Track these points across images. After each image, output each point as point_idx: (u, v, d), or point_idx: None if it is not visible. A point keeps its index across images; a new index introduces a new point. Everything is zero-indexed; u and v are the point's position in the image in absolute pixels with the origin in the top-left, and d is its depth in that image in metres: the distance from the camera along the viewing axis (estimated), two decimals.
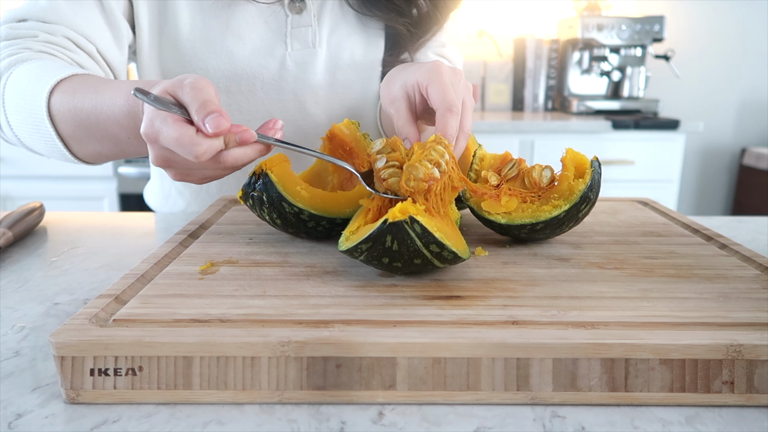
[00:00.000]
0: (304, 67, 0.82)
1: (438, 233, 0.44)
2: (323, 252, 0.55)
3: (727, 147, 2.83)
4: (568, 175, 0.54)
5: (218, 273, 0.49)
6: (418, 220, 0.43)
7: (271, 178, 0.53)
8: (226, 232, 0.62)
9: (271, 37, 0.80)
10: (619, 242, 0.58)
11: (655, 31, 2.33)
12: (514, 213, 0.53)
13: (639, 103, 2.40)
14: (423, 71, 0.55)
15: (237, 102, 0.84)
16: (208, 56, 0.79)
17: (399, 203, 0.44)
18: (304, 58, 0.81)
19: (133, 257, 0.65)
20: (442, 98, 0.52)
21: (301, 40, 0.80)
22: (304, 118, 0.85)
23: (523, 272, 0.49)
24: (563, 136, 2.18)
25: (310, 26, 0.80)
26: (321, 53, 0.82)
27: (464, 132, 0.54)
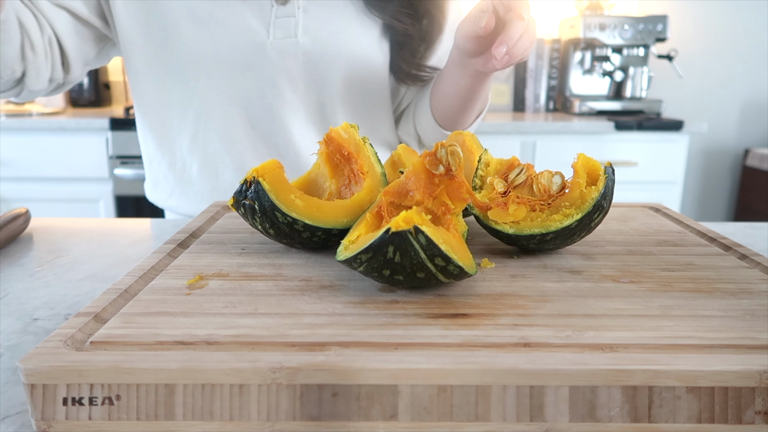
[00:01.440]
0: (285, 55, 0.82)
1: (444, 246, 0.41)
2: (320, 264, 0.52)
3: (731, 148, 2.80)
4: (580, 182, 0.51)
5: (207, 287, 0.46)
6: (424, 231, 0.40)
7: (263, 186, 0.50)
8: (217, 241, 0.59)
9: (253, 24, 0.80)
10: (632, 252, 0.55)
11: (658, 30, 2.30)
12: (523, 222, 0.50)
13: (642, 103, 2.37)
14: None
15: (217, 87, 0.84)
16: (194, 38, 0.80)
17: (403, 212, 0.41)
18: (285, 47, 0.81)
19: (120, 267, 0.62)
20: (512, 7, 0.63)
21: (284, 29, 0.81)
22: (281, 104, 0.85)
23: (533, 287, 0.46)
24: (565, 137, 2.15)
25: (293, 17, 0.81)
26: (304, 44, 0.82)
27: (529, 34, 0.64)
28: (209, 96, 0.85)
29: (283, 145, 0.88)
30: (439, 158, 0.48)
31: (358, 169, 0.56)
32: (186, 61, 0.82)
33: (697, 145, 2.76)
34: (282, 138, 0.88)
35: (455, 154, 0.47)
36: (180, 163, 0.92)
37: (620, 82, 2.42)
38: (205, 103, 0.85)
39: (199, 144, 0.89)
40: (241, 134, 0.87)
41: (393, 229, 0.40)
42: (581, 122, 2.14)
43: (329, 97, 0.86)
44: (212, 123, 0.86)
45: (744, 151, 2.75)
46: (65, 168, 2.21)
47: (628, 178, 2.19)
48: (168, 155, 0.93)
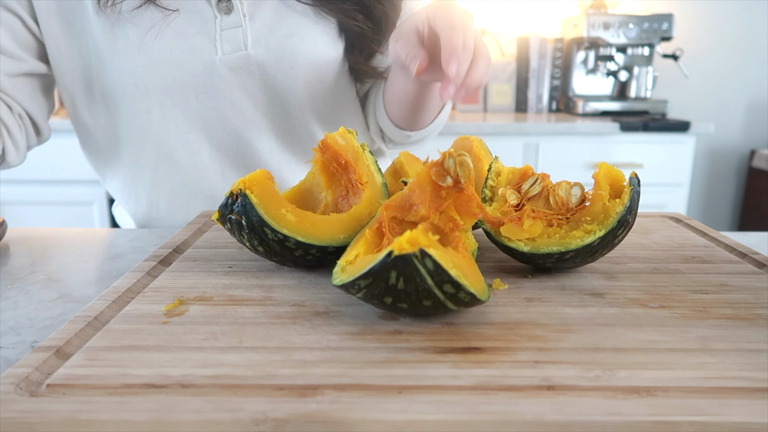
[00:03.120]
0: (238, 71, 0.74)
1: (454, 270, 0.36)
2: (314, 285, 0.47)
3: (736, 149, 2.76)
4: (603, 195, 0.46)
5: (187, 314, 0.41)
6: (431, 254, 0.35)
7: (251, 200, 0.45)
8: (202, 257, 0.54)
9: (199, 41, 0.72)
10: (658, 271, 0.50)
11: (663, 29, 2.25)
12: (539, 239, 0.45)
13: (646, 104, 2.32)
14: (430, 8, 0.56)
15: (173, 115, 0.77)
16: (135, 66, 0.72)
17: (407, 231, 0.36)
18: (237, 62, 0.73)
19: (97, 285, 0.57)
20: (445, 19, 0.54)
21: (233, 43, 0.73)
22: (245, 124, 0.78)
23: (552, 313, 0.41)
24: (569, 139, 2.10)
25: (240, 27, 0.73)
26: (257, 56, 0.74)
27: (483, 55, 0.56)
28: (165, 126, 0.77)
29: (253, 166, 0.81)
30: (446, 169, 0.43)
31: (356, 179, 0.51)
32: (132, 93, 0.74)
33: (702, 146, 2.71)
34: (251, 158, 0.81)
35: (465, 165, 0.42)
36: (145, 200, 0.84)
37: (624, 82, 2.37)
38: (162, 135, 0.78)
39: (162, 178, 0.81)
40: (207, 161, 0.79)
41: (396, 252, 0.35)
42: (585, 123, 2.10)
43: (295, 107, 0.79)
44: (173, 154, 0.79)
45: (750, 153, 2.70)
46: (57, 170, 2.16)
47: None
48: (132, 194, 0.84)
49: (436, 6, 0.56)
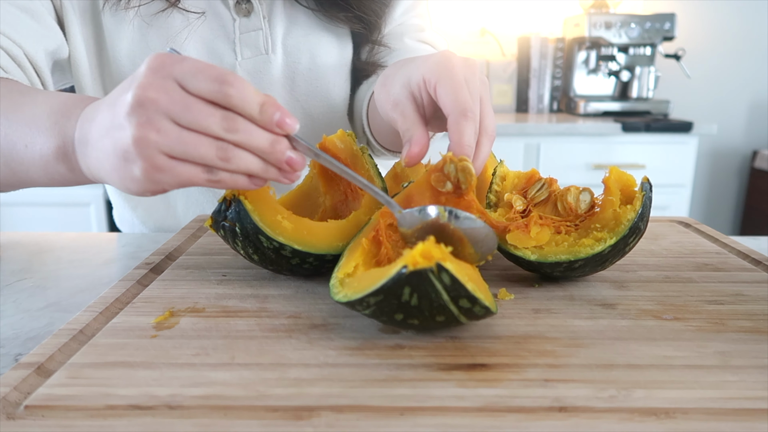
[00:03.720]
0: (258, 76, 0.71)
1: (471, 284, 0.34)
2: (311, 294, 0.45)
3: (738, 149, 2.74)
4: (613, 201, 0.44)
5: (177, 327, 0.39)
6: (448, 269, 0.32)
7: (245, 206, 0.43)
8: (195, 265, 0.52)
9: (218, 46, 0.70)
10: (670, 279, 0.48)
11: (665, 29, 2.23)
12: (547, 247, 0.43)
13: (648, 104, 2.30)
14: (429, 65, 0.45)
15: None
16: None
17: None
18: (257, 67, 0.71)
19: (87, 293, 0.55)
20: (455, 99, 0.42)
21: (252, 47, 0.70)
22: None
23: (561, 326, 0.39)
24: (571, 139, 2.08)
25: (260, 29, 0.70)
26: (276, 59, 0.71)
27: (488, 134, 0.45)
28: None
29: None
30: (446, 174, 0.41)
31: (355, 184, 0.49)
32: None
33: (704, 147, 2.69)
34: None
35: (466, 171, 0.40)
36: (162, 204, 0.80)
37: (626, 82, 2.35)
38: None
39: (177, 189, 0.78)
40: None
41: (410, 266, 0.33)
42: (587, 123, 2.08)
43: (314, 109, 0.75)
44: None
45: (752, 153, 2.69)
46: None
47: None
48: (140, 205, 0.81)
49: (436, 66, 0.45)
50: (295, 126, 0.37)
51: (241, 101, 0.35)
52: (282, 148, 0.38)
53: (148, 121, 0.35)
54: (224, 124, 0.35)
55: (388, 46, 0.75)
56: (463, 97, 0.42)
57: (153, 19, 0.67)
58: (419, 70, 0.46)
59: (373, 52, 0.76)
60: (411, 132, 0.45)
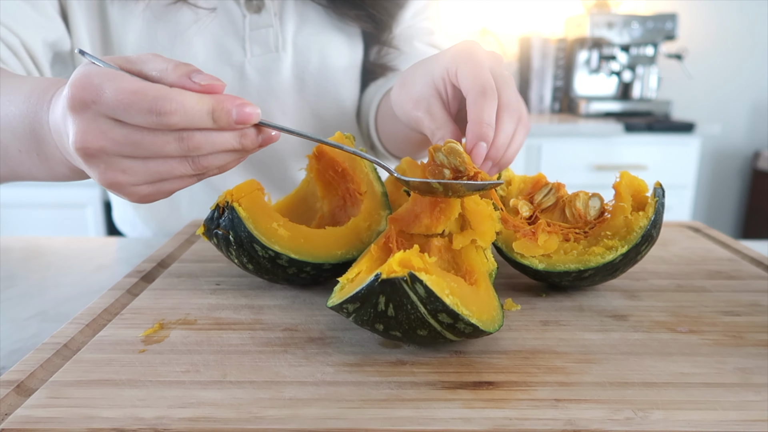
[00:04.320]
0: (267, 74, 0.69)
1: (450, 298, 0.32)
2: (308, 305, 0.43)
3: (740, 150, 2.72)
4: (624, 207, 0.42)
5: (167, 341, 0.37)
6: (422, 280, 0.31)
7: (239, 213, 0.41)
8: (188, 273, 0.50)
9: (227, 43, 0.67)
10: (683, 288, 0.46)
11: (667, 29, 2.21)
12: (555, 256, 0.41)
13: (650, 104, 2.28)
14: (450, 54, 0.43)
15: None
16: None
17: (398, 252, 0.32)
18: (266, 65, 0.69)
19: (76, 302, 0.53)
20: (473, 78, 0.40)
21: (262, 44, 0.68)
22: None
23: (571, 339, 0.37)
24: (572, 140, 2.07)
25: (271, 27, 0.67)
26: (286, 58, 0.69)
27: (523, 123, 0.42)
28: None
29: (279, 178, 0.77)
30: (440, 164, 0.39)
31: (354, 189, 0.47)
32: None
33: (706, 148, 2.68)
34: (277, 170, 0.76)
35: (454, 152, 0.38)
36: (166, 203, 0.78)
37: (628, 82, 2.34)
38: None
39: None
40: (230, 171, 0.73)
41: (384, 275, 0.31)
42: (589, 124, 2.06)
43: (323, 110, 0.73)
44: None
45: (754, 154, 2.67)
46: None
47: None
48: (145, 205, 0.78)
49: (457, 55, 0.42)
50: (255, 114, 0.34)
51: (187, 121, 0.31)
52: (251, 140, 0.35)
53: (108, 168, 0.33)
54: (183, 146, 0.32)
55: (397, 47, 0.73)
56: (484, 76, 0.40)
57: (162, 14, 0.65)
58: (441, 63, 0.43)
59: (381, 54, 0.74)
60: (442, 132, 0.42)
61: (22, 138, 0.40)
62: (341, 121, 0.75)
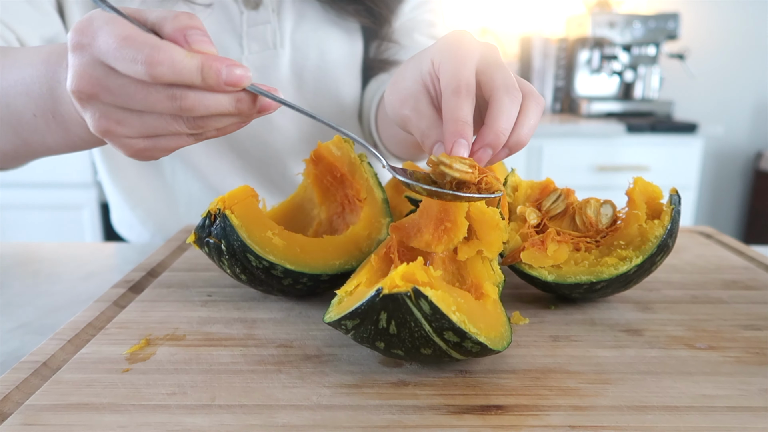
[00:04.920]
0: (265, 71, 0.67)
1: (457, 315, 0.29)
2: (304, 319, 0.41)
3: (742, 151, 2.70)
4: (639, 215, 0.39)
5: (153, 359, 0.35)
6: (427, 295, 0.28)
7: (232, 222, 0.38)
8: (179, 283, 0.47)
9: (224, 39, 0.65)
10: (698, 300, 0.44)
11: (669, 28, 2.19)
12: (566, 267, 0.39)
13: (652, 105, 2.26)
14: (437, 47, 0.39)
15: None
16: None
17: (401, 266, 0.30)
18: (264, 62, 0.66)
19: (62, 313, 0.51)
20: (451, 75, 0.37)
21: (260, 41, 0.66)
22: (270, 130, 0.70)
23: (584, 356, 0.35)
24: (574, 141, 2.04)
25: (269, 23, 0.65)
26: (284, 54, 0.67)
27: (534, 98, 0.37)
28: None
29: (278, 177, 0.74)
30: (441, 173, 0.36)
31: (353, 195, 0.45)
32: None
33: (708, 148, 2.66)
34: (276, 168, 0.73)
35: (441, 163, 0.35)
36: (163, 204, 0.76)
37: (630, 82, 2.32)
38: None
39: (179, 183, 0.74)
40: (227, 166, 0.72)
41: (385, 290, 0.29)
42: (590, 124, 2.04)
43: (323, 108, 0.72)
44: (191, 159, 0.72)
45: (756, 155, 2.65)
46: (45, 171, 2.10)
47: None
48: (145, 199, 0.76)
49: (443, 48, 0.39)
50: (246, 77, 0.32)
51: (175, 75, 0.30)
52: (247, 106, 0.33)
53: (103, 116, 0.32)
54: (176, 105, 0.31)
55: (397, 41, 0.71)
56: (462, 72, 0.36)
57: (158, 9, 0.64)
58: (428, 56, 0.40)
59: (381, 49, 0.71)
60: (434, 132, 0.38)
61: (38, 100, 0.39)
62: (341, 120, 0.72)
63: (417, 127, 0.39)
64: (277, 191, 0.75)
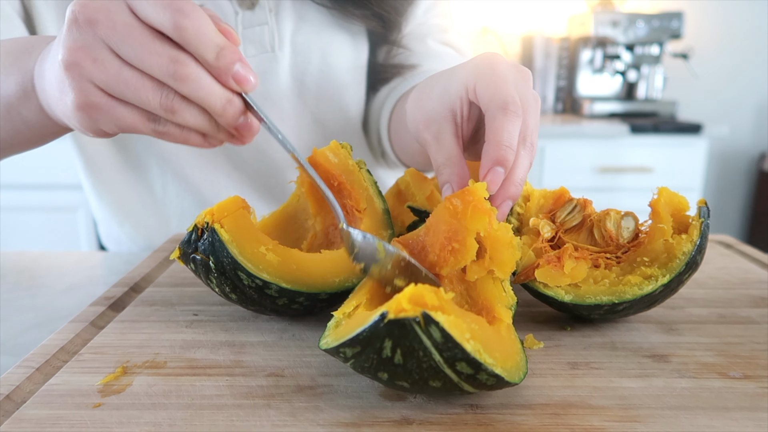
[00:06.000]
0: (263, 77, 0.63)
1: (471, 344, 0.26)
2: (298, 342, 0.37)
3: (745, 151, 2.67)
4: (664, 229, 0.36)
5: (129, 391, 0.31)
6: (438, 321, 0.25)
7: (221, 236, 0.35)
8: (163, 300, 0.44)
9: None
10: (726, 319, 0.40)
11: (673, 27, 2.16)
12: (584, 286, 0.36)
13: (655, 105, 2.23)
14: (470, 68, 0.37)
15: None
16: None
17: (410, 287, 0.27)
18: (261, 66, 0.62)
19: (39, 331, 0.47)
20: (494, 92, 0.34)
21: (257, 43, 0.61)
22: (268, 139, 0.65)
23: (607, 388, 0.32)
24: (577, 142, 2.01)
25: (266, 24, 0.61)
26: (283, 58, 0.62)
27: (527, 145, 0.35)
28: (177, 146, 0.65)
29: (277, 189, 0.70)
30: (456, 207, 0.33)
31: (352, 205, 0.41)
32: None
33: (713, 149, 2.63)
34: (275, 180, 0.69)
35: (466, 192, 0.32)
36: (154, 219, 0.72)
37: (633, 82, 2.28)
38: (172, 150, 0.66)
39: (171, 197, 0.69)
40: (224, 179, 0.68)
41: (391, 314, 0.25)
42: (593, 125, 2.00)
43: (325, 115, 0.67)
44: (183, 171, 0.68)
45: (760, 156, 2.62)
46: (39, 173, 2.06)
47: (643, 185, 2.05)
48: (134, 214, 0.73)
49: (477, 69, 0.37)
50: (254, 83, 0.31)
51: (196, 38, 0.29)
52: (235, 112, 0.31)
53: (84, 45, 0.29)
54: (171, 68, 0.29)
55: (407, 47, 0.67)
56: (506, 89, 0.34)
57: None
58: (459, 79, 0.37)
59: (391, 54, 0.67)
60: (449, 170, 0.36)
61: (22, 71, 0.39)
62: (345, 128, 0.68)
63: (434, 157, 0.38)
64: (275, 202, 0.71)
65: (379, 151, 0.70)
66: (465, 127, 0.38)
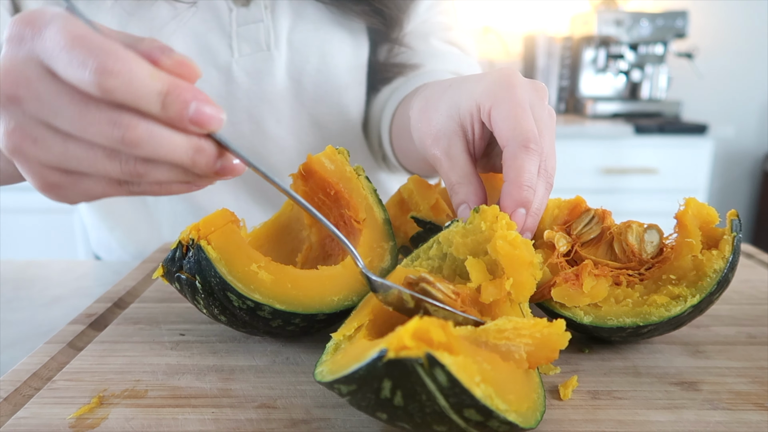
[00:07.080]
0: (258, 76, 0.59)
1: (482, 388, 0.23)
2: (292, 367, 0.34)
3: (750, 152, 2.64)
4: (693, 244, 0.33)
5: (103, 426, 0.28)
6: (444, 364, 0.22)
7: (208, 254, 0.32)
8: (148, 318, 0.41)
9: (211, 40, 0.58)
10: (756, 340, 0.37)
11: (677, 26, 2.13)
12: (605, 306, 0.33)
13: (659, 105, 2.20)
14: (484, 86, 0.35)
15: None
16: None
17: (414, 319, 0.23)
18: (256, 65, 0.59)
19: (18, 348, 0.44)
20: (515, 126, 0.33)
21: (252, 42, 0.58)
22: (264, 142, 0.63)
23: (633, 422, 0.28)
24: (579, 142, 1.98)
25: (261, 21, 0.58)
26: (279, 57, 0.59)
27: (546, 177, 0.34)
28: None
29: (273, 192, 0.67)
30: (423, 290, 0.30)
31: (350, 216, 0.38)
32: None
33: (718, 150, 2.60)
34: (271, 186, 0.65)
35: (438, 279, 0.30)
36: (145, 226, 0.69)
37: (637, 82, 2.25)
38: None
39: (162, 202, 0.67)
40: (215, 186, 0.65)
41: (391, 352, 0.22)
42: (596, 125, 1.97)
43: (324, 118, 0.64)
44: None
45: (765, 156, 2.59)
46: None
47: (648, 186, 2.02)
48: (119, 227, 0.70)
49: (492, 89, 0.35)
50: (217, 119, 0.25)
51: (130, 95, 0.23)
52: (207, 160, 0.26)
53: (18, 128, 0.25)
54: (117, 134, 0.24)
55: (410, 46, 0.64)
56: (526, 123, 0.33)
57: (135, 8, 0.56)
58: (471, 95, 0.35)
59: (393, 53, 0.64)
60: (465, 189, 0.35)
61: None
62: (344, 130, 0.65)
63: (446, 175, 0.36)
64: (272, 209, 0.68)
65: (380, 154, 0.67)
66: (477, 145, 0.36)
